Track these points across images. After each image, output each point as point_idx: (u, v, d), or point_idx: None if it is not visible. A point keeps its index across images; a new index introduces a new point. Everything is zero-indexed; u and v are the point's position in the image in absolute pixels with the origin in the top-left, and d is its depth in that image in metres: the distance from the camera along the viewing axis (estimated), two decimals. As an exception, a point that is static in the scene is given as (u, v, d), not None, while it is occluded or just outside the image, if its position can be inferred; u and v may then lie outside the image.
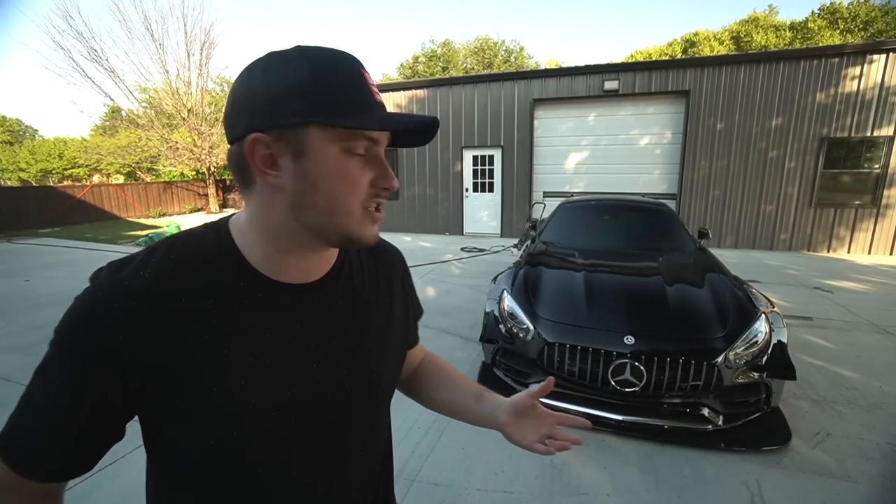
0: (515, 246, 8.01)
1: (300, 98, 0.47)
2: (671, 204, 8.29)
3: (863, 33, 22.15)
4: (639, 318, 2.53)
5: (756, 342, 2.38)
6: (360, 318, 0.63)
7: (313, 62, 0.49)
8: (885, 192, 7.59)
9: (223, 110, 0.53)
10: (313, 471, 0.58)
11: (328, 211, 0.51)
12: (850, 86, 7.54)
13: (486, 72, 24.38)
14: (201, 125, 15.85)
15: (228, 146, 0.53)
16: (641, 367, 2.31)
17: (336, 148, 0.49)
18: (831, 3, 23.57)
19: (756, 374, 2.33)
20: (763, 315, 2.53)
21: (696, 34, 26.26)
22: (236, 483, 0.54)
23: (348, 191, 0.51)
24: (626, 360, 2.34)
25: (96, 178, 27.54)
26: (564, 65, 10.60)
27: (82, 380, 0.47)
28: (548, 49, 57.51)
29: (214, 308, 0.51)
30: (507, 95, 9.39)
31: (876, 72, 7.41)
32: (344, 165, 0.50)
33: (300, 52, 0.50)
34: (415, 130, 0.55)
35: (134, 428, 0.54)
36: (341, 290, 0.62)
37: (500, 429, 0.70)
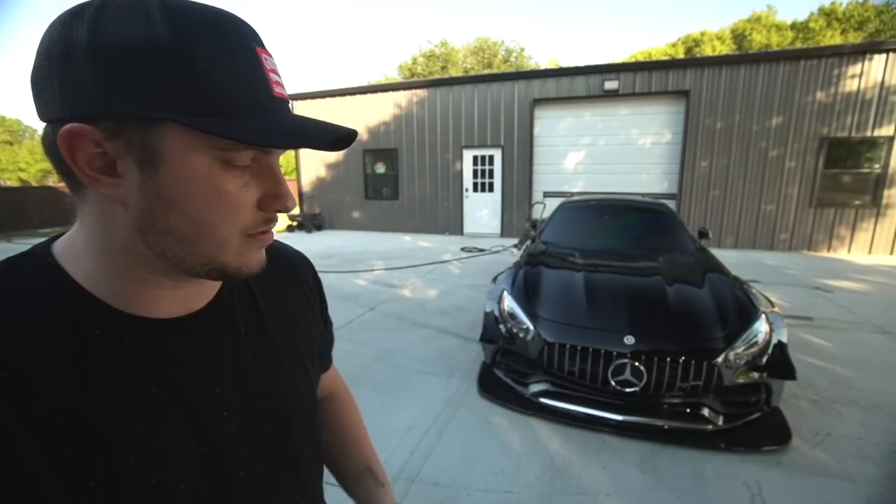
0: (515, 246, 8.01)
1: (152, 78, 0.32)
2: (671, 204, 8.29)
3: (859, 33, 22.17)
4: (639, 318, 2.53)
5: (756, 342, 2.38)
6: (271, 344, 0.50)
7: (177, 23, 0.32)
8: (886, 192, 7.59)
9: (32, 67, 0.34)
10: None
11: (191, 239, 0.37)
12: (850, 85, 7.54)
13: (485, 72, 24.38)
14: (201, 125, 15.84)
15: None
16: (641, 367, 2.32)
17: (206, 158, 0.35)
18: (831, 3, 23.59)
19: (756, 374, 2.33)
20: (763, 315, 2.53)
21: (703, 34, 26.27)
22: None
23: (223, 216, 0.37)
24: (626, 360, 2.34)
25: (96, 178, 27.55)
26: (564, 65, 10.60)
27: None
28: (548, 49, 57.56)
29: (64, 375, 0.35)
30: (507, 95, 9.39)
31: (876, 71, 7.41)
32: (218, 182, 0.36)
33: (162, 3, 0.32)
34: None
35: None
36: (241, 314, 0.49)
37: None
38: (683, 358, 2.29)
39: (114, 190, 0.35)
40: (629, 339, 2.38)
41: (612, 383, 2.35)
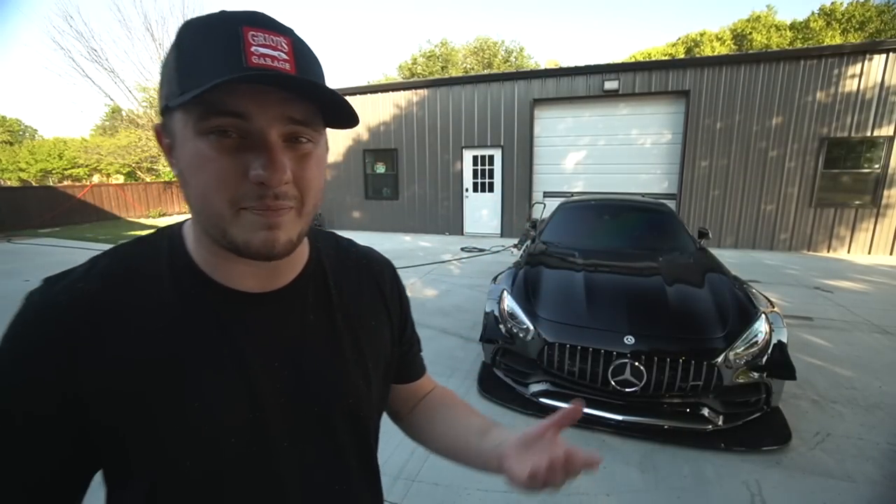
0: (515, 246, 8.01)
1: (167, 78, 0.41)
2: (671, 204, 8.29)
3: (860, 33, 22.17)
4: (639, 318, 2.53)
5: (756, 342, 2.38)
6: (335, 336, 0.53)
7: (184, 29, 0.40)
8: (885, 192, 7.59)
9: None
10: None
11: (201, 211, 0.42)
12: (850, 85, 7.54)
13: (485, 72, 24.38)
14: (201, 125, 15.85)
15: None
16: (641, 367, 2.32)
17: (192, 132, 0.39)
18: (831, 3, 23.60)
19: (756, 374, 2.33)
20: (763, 315, 2.53)
21: (702, 33, 26.27)
22: None
23: (211, 185, 0.40)
24: (626, 360, 2.34)
25: (96, 178, 27.54)
26: (564, 65, 10.60)
27: (26, 420, 0.39)
28: (548, 49, 57.56)
29: (162, 321, 0.44)
30: (507, 95, 9.39)
31: (876, 71, 7.41)
32: (203, 152, 0.39)
33: (185, 21, 0.41)
34: (310, 99, 0.41)
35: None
36: (312, 302, 0.53)
37: (500, 464, 0.52)
38: (683, 358, 2.29)
39: (175, 170, 0.43)
40: (629, 339, 2.38)
41: (612, 383, 2.35)
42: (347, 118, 0.44)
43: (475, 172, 9.96)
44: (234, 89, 0.38)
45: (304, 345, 0.51)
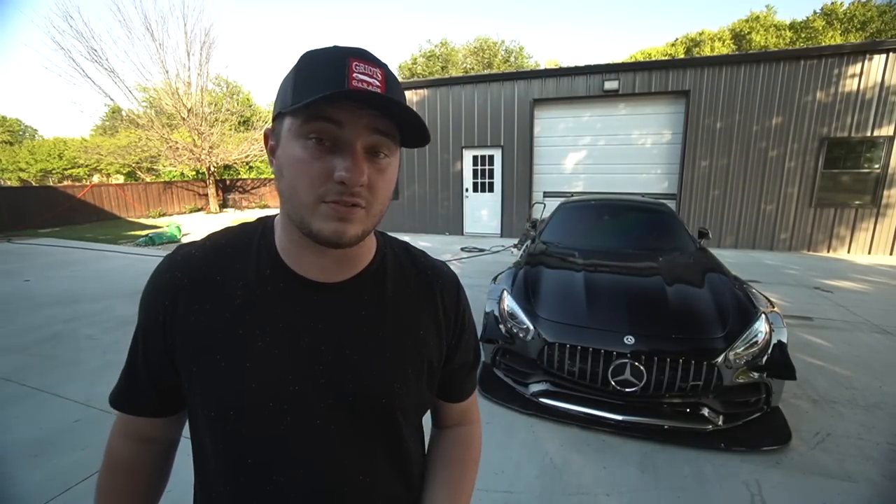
0: (515, 246, 8.01)
1: (283, 92, 0.51)
2: (671, 204, 8.30)
3: (860, 34, 22.16)
4: (639, 318, 2.53)
5: (756, 342, 2.38)
6: (382, 335, 0.58)
7: (303, 57, 0.50)
8: (885, 192, 7.59)
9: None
10: (301, 482, 0.54)
11: (289, 200, 0.51)
12: (850, 85, 7.54)
13: (485, 72, 24.37)
14: (201, 125, 15.87)
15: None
16: (641, 367, 2.31)
17: (294, 135, 0.49)
18: (832, 4, 23.59)
19: (756, 374, 2.33)
20: (763, 315, 2.52)
21: (701, 33, 26.28)
22: (229, 463, 0.54)
23: (299, 177, 0.49)
24: (626, 360, 2.34)
25: (96, 178, 27.54)
26: (564, 65, 10.60)
27: (146, 332, 0.56)
28: (548, 49, 57.56)
29: (240, 290, 0.54)
30: (507, 95, 9.39)
31: (876, 71, 7.41)
32: (296, 151, 0.49)
33: (306, 51, 0.51)
34: (394, 117, 0.50)
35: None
36: (368, 298, 0.58)
37: None
38: (683, 358, 2.29)
39: (275, 167, 0.52)
40: (629, 339, 2.38)
41: (612, 383, 2.35)
42: (421, 138, 0.53)
43: (475, 172, 9.96)
44: (335, 103, 0.47)
45: (351, 335, 0.56)
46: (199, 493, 0.60)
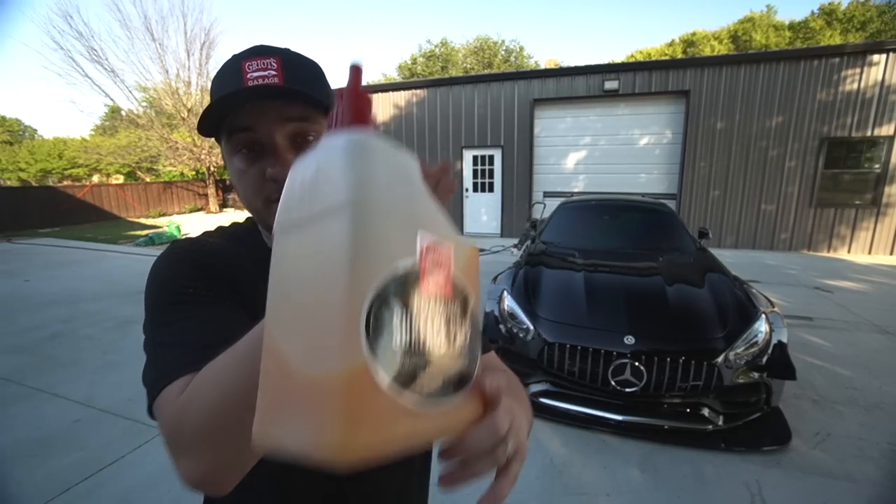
0: (515, 246, 8.01)
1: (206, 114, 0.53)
2: (671, 204, 8.28)
3: (860, 34, 22.16)
4: (639, 318, 2.53)
5: (756, 342, 2.38)
6: None
7: (213, 80, 0.54)
8: (886, 192, 7.59)
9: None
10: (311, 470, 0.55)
11: (248, 208, 0.56)
12: (851, 85, 7.54)
13: (485, 72, 24.37)
14: (201, 125, 15.84)
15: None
16: (641, 367, 2.31)
17: (229, 151, 0.53)
18: (830, 4, 23.59)
19: (756, 374, 2.33)
20: (763, 315, 2.52)
21: (693, 34, 26.30)
22: None
23: (244, 187, 0.53)
24: (627, 360, 2.34)
25: (96, 178, 27.53)
26: (564, 65, 10.60)
27: (187, 288, 0.55)
28: (548, 49, 57.56)
29: (242, 273, 0.58)
30: (507, 95, 9.39)
31: (876, 71, 7.41)
32: (236, 164, 0.52)
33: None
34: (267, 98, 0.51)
35: (132, 428, 0.54)
36: None
37: None
38: (683, 358, 2.29)
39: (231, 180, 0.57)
40: (629, 339, 2.38)
41: (612, 383, 2.35)
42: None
43: (475, 172, 9.96)
44: (240, 109, 0.49)
45: None
46: None
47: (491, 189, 9.91)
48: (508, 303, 2.83)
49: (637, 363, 2.32)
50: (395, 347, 0.25)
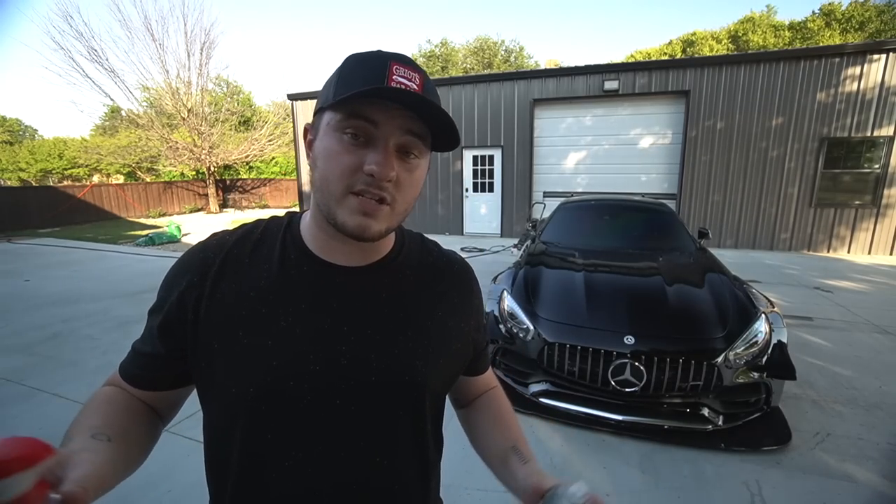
0: (515, 246, 8.01)
1: (325, 90, 0.54)
2: (671, 204, 8.29)
3: (860, 34, 22.16)
4: (639, 318, 2.53)
5: (756, 342, 2.38)
6: (401, 317, 0.60)
7: (347, 58, 0.54)
8: (886, 192, 7.59)
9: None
10: (318, 459, 0.55)
11: (320, 189, 0.54)
12: (851, 86, 7.54)
13: (485, 72, 24.38)
14: (201, 125, 15.87)
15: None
16: (641, 367, 2.31)
17: (332, 130, 0.52)
18: (829, 4, 23.59)
19: (756, 374, 2.33)
20: (763, 315, 2.52)
21: (693, 34, 26.30)
22: (247, 439, 0.54)
23: (332, 168, 0.52)
24: (626, 360, 2.34)
25: (96, 178, 27.52)
26: (564, 65, 10.61)
27: (171, 306, 0.57)
28: (548, 49, 57.55)
29: (266, 272, 0.57)
30: (507, 95, 9.39)
31: (876, 72, 7.41)
32: (332, 143, 0.52)
33: (351, 53, 0.55)
34: (426, 119, 0.52)
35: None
36: (388, 282, 0.61)
37: None
38: (683, 358, 2.29)
39: (311, 159, 0.56)
40: (629, 339, 2.38)
41: (612, 383, 2.35)
42: (451, 141, 0.56)
43: (475, 172, 9.96)
44: (373, 103, 0.49)
45: (373, 316, 0.58)
46: (213, 472, 0.59)
47: (491, 189, 9.91)
48: (508, 303, 2.83)
49: (637, 363, 2.32)
50: None
